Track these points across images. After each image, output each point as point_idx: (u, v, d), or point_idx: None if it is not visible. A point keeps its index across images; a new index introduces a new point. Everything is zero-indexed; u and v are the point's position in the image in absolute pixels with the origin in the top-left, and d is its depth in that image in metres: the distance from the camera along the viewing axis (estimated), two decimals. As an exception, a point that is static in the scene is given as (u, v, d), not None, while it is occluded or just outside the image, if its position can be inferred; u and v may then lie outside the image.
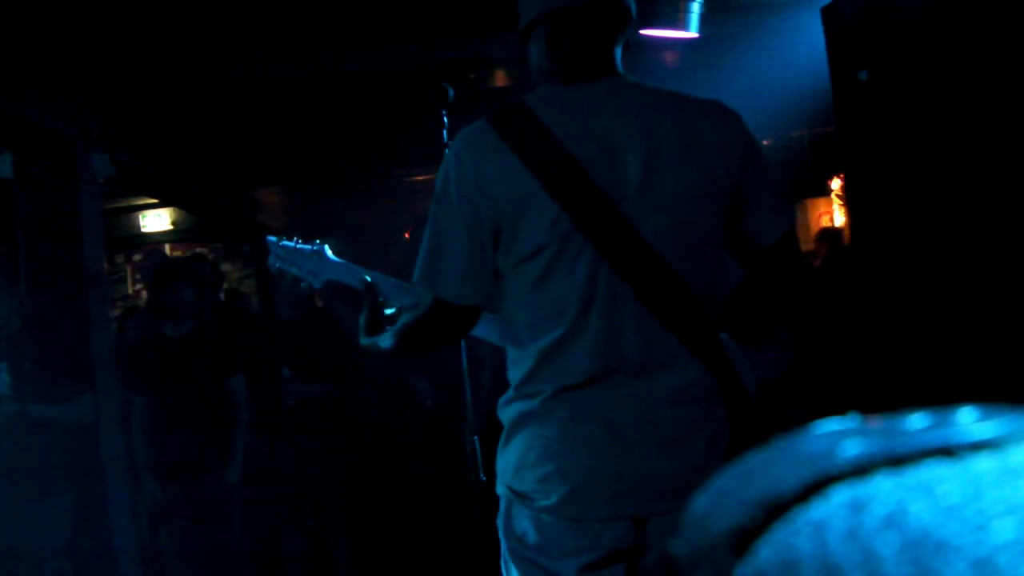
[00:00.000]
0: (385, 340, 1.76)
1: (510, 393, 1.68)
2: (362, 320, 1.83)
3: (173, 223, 8.16)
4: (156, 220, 8.16)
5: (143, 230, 8.15)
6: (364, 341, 1.81)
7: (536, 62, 1.71)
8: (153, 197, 7.49)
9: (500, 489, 1.69)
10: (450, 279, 1.63)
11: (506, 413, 1.68)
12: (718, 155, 1.63)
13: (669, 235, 1.59)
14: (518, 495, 1.63)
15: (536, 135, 1.60)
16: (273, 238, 2.29)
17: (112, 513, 3.96)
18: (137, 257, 7.91)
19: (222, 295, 7.31)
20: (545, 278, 1.59)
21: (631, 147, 1.60)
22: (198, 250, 8.06)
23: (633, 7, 1.70)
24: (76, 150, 4.04)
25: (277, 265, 2.26)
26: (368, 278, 1.90)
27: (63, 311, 4.00)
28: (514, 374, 1.68)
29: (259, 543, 4.21)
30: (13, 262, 4.16)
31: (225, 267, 8.12)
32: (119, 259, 7.96)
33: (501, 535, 1.69)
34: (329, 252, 2.20)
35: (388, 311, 1.87)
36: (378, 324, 1.82)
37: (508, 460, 1.66)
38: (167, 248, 8.22)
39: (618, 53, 1.70)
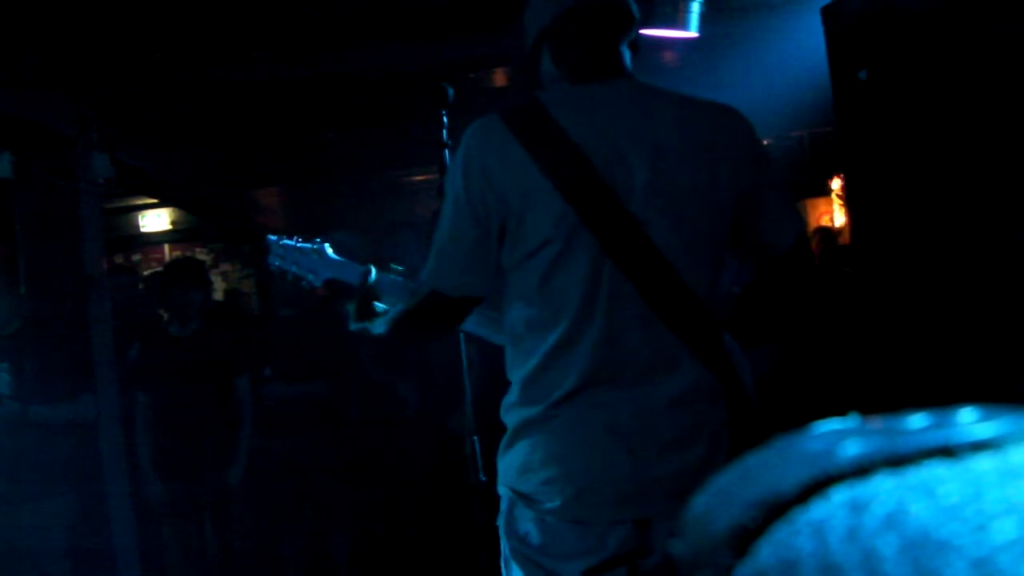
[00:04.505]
0: (377, 326, 1.80)
1: (513, 395, 1.67)
2: (351, 308, 1.88)
3: (173, 223, 8.17)
4: (156, 220, 8.16)
5: (143, 230, 8.15)
6: (354, 326, 1.86)
7: (546, 72, 1.74)
8: (153, 197, 7.48)
9: (502, 490, 1.69)
10: (448, 270, 1.64)
11: (510, 415, 1.67)
12: (726, 159, 1.64)
13: (674, 236, 1.59)
14: (522, 496, 1.63)
15: (546, 130, 1.61)
16: (273, 237, 2.29)
17: (112, 513, 3.96)
18: (119, 258, 7.69)
19: (221, 295, 7.34)
20: (550, 274, 1.59)
21: (639, 148, 1.60)
22: (197, 251, 8.05)
23: (635, 8, 1.71)
24: (76, 150, 4.04)
25: (277, 264, 2.25)
26: (372, 271, 1.93)
27: (63, 311, 4.00)
28: (516, 375, 1.67)
29: (259, 542, 4.21)
30: (13, 262, 4.16)
31: (225, 267, 8.12)
32: (119, 259, 7.95)
33: (502, 535, 1.68)
34: (330, 250, 2.18)
35: (380, 307, 1.89)
36: (368, 314, 1.87)
37: (512, 462, 1.65)
38: (166, 249, 8.21)
39: (626, 55, 1.71)
